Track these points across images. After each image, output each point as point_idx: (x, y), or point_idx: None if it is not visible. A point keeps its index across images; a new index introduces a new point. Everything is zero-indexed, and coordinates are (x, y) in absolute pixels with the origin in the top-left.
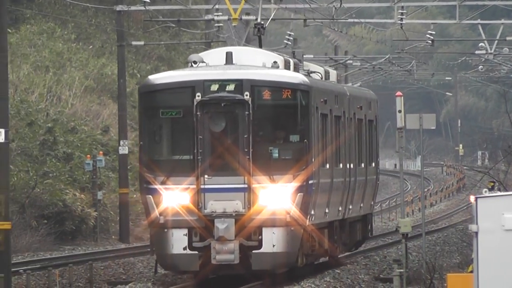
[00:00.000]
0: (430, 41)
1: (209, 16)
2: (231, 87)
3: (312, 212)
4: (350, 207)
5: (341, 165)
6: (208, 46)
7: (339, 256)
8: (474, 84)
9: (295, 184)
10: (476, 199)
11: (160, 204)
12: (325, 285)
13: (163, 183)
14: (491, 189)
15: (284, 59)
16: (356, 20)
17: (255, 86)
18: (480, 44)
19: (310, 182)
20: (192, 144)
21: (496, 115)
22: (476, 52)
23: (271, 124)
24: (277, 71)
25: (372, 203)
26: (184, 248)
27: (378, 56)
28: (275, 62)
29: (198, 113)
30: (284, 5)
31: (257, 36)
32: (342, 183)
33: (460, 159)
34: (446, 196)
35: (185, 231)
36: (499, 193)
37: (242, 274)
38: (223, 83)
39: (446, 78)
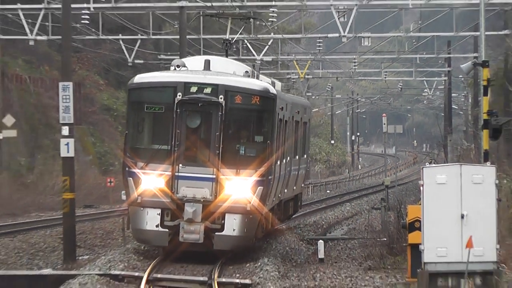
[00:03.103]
0: (400, 88)
1: (288, 76)
2: (208, 90)
3: (267, 202)
4: (285, 191)
5: (284, 160)
6: (287, 91)
7: (275, 227)
8: (422, 110)
9: (256, 178)
10: (422, 168)
11: (139, 186)
12: (347, 210)
13: (142, 168)
14: (430, 163)
15: (251, 70)
16: (363, 78)
17: (228, 91)
18: (425, 90)
19: (270, 177)
20: (170, 137)
21: (433, 126)
22: (423, 94)
23: (240, 125)
24: (248, 79)
25: (302, 185)
26: (157, 226)
27: (373, 95)
28: (246, 71)
29: (177, 110)
30: (326, 70)
31: (225, 50)
32: (284, 174)
33: (414, 148)
34: (407, 166)
35: (159, 211)
36: (433, 165)
37: (204, 252)
38: (201, 86)
39: (408, 106)
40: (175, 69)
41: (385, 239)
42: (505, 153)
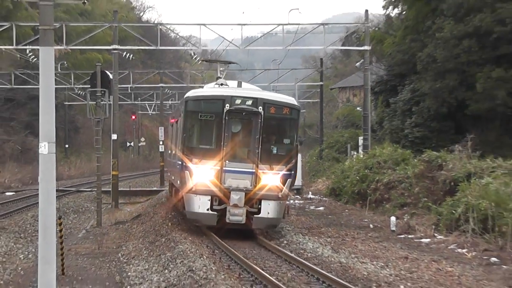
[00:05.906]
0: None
1: None
2: (249, 102)
3: (291, 189)
4: None
5: None
6: None
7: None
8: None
9: (285, 172)
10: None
11: (194, 178)
12: None
13: (196, 163)
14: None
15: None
16: None
17: (266, 103)
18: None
19: (295, 172)
20: (219, 139)
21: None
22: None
23: (274, 130)
24: (279, 95)
25: None
26: (207, 209)
27: None
28: (264, 90)
29: (226, 118)
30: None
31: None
32: None
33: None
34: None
35: (209, 197)
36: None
37: (245, 230)
38: (244, 99)
39: None
40: (219, 86)
41: None
42: (305, 150)
